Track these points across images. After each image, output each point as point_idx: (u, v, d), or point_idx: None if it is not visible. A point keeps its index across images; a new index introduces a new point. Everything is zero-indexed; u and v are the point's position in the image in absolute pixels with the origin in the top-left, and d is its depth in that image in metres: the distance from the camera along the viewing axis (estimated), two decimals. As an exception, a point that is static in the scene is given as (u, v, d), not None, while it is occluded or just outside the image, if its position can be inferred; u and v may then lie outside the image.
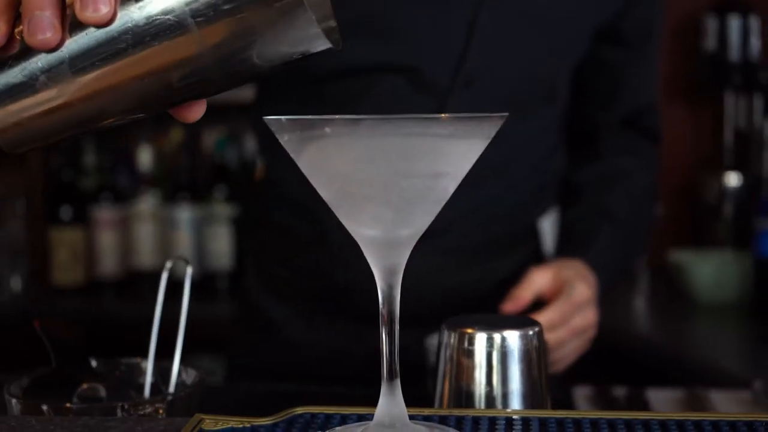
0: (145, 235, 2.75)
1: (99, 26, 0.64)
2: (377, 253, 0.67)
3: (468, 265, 1.38)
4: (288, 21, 0.63)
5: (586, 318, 1.23)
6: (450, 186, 0.65)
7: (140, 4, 0.64)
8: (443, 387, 0.85)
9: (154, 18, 0.64)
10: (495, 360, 0.82)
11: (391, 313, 0.68)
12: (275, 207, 1.45)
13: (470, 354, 0.83)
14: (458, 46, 1.29)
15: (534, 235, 1.45)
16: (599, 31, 1.37)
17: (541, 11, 1.31)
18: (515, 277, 1.30)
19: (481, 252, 1.39)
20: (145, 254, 2.74)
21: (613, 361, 1.91)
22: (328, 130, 0.62)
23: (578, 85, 1.42)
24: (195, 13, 0.63)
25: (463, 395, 0.83)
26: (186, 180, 2.78)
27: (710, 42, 2.42)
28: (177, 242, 2.72)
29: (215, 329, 1.94)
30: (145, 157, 2.83)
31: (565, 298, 1.21)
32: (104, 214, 2.73)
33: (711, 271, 2.16)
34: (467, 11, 1.28)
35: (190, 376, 0.92)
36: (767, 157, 2.27)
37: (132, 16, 0.64)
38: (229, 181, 2.74)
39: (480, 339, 0.83)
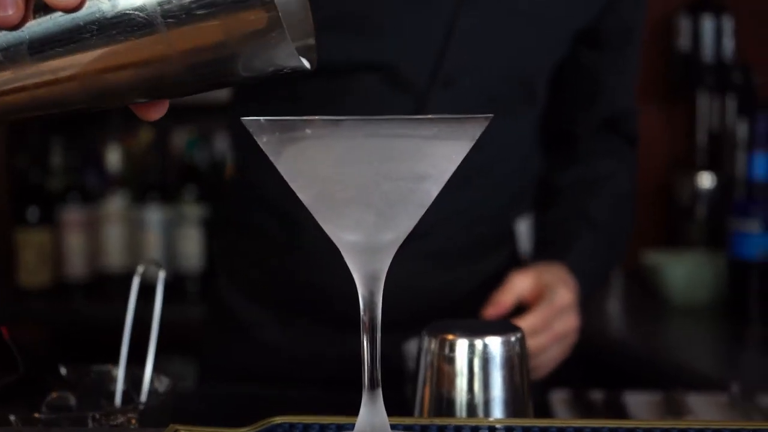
0: (114, 236, 2.71)
1: (66, 11, 0.62)
2: (358, 258, 0.65)
3: (448, 268, 1.36)
4: (263, 38, 0.61)
5: (568, 323, 1.22)
6: (433, 189, 0.64)
7: None
8: (423, 393, 0.83)
9: (124, 12, 0.62)
10: (477, 367, 0.80)
11: (372, 320, 0.65)
12: (249, 208, 1.43)
13: (451, 360, 0.81)
14: (437, 46, 1.27)
15: (511, 236, 1.44)
16: (580, 33, 1.36)
17: (521, 12, 1.29)
18: (494, 279, 1.29)
19: (462, 254, 1.37)
20: (114, 255, 2.71)
21: (588, 364, 1.90)
22: (308, 131, 0.60)
23: (558, 88, 1.41)
24: (166, 14, 0.61)
25: (444, 402, 0.81)
26: (155, 180, 2.74)
27: (684, 42, 2.41)
28: (146, 243, 2.69)
29: (185, 331, 1.91)
30: (113, 158, 2.79)
31: (547, 303, 1.20)
32: (72, 215, 2.69)
33: (685, 272, 2.16)
34: (446, 11, 1.26)
35: (163, 384, 0.90)
36: (740, 158, 2.27)
37: (101, 6, 0.62)
38: (200, 181, 2.71)
39: (461, 345, 0.81)
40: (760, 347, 1.91)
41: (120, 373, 0.91)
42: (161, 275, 0.95)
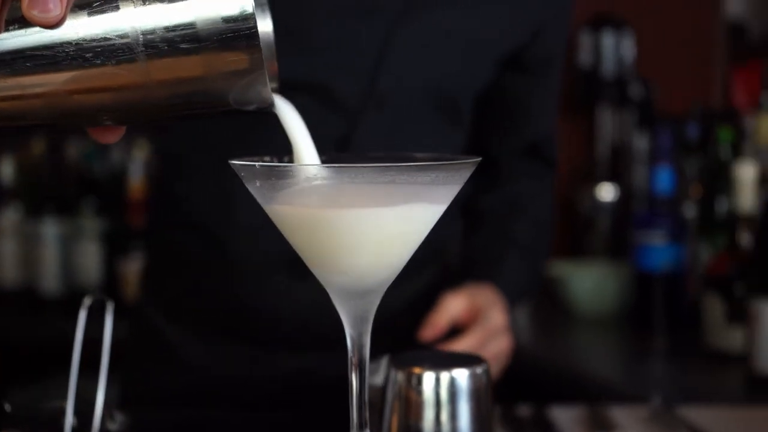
0: (8, 251, 2.64)
1: (44, 27, 0.59)
2: (347, 301, 0.65)
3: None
4: (243, 78, 0.61)
5: (502, 345, 1.25)
6: (423, 231, 0.64)
7: (93, 17, 0.60)
8: (390, 424, 0.83)
9: (104, 36, 0.60)
10: (444, 399, 0.81)
11: (361, 361, 0.65)
12: (173, 226, 1.40)
13: (419, 393, 0.81)
14: (369, 66, 1.27)
15: (440, 255, 1.45)
16: (506, 59, 1.38)
17: (449, 36, 1.30)
18: (423, 297, 1.31)
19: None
20: (8, 270, 2.63)
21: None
22: (306, 176, 0.59)
23: (483, 112, 1.43)
24: (148, 43, 0.60)
25: (411, 433, 0.82)
26: (51, 193, 2.67)
27: (585, 57, 2.47)
28: (42, 258, 2.62)
29: (84, 348, 1.86)
30: (6, 169, 2.71)
31: (481, 326, 1.22)
32: (-36, 229, 2.61)
33: (590, 283, 2.20)
34: (379, 30, 1.27)
35: (116, 421, 0.88)
36: (640, 171, 2.33)
37: (79, 27, 0.60)
38: (99, 193, 2.65)
39: (428, 378, 0.81)
40: (668, 358, 1.96)
41: (68, 408, 0.89)
42: (110, 307, 0.93)
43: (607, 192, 2.43)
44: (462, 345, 1.17)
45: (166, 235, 1.42)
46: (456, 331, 1.23)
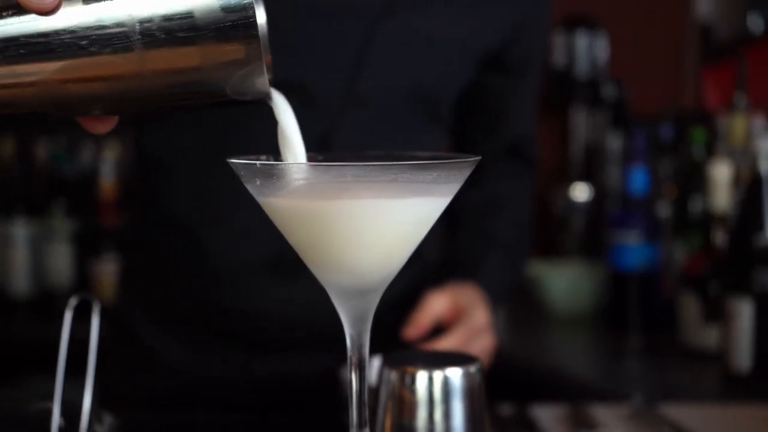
0: (-22, 252, 2.61)
1: (39, 14, 0.58)
2: (347, 301, 0.64)
3: None
4: (240, 68, 0.60)
5: (485, 343, 1.25)
6: (424, 227, 0.64)
7: (89, 5, 0.59)
8: (384, 424, 0.83)
9: (100, 25, 0.59)
10: (437, 398, 0.81)
11: (361, 360, 0.65)
12: (153, 227, 1.39)
13: (412, 392, 0.81)
14: (350, 65, 1.27)
15: (421, 254, 1.45)
16: (486, 59, 1.38)
17: (432, 34, 1.30)
18: (407, 295, 1.30)
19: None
20: (-22, 272, 2.61)
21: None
22: (308, 175, 0.59)
23: (464, 112, 1.43)
24: (145, 32, 0.59)
25: (405, 432, 0.81)
26: (21, 194, 2.65)
27: (558, 58, 2.48)
28: (12, 260, 2.59)
29: (55, 350, 1.84)
30: (-26, 170, 2.69)
31: (465, 325, 1.22)
32: (-68, 231, 2.58)
33: (564, 283, 2.21)
34: (359, 30, 1.26)
35: (104, 424, 0.87)
36: (613, 171, 2.34)
37: (75, 15, 0.59)
38: (69, 195, 2.63)
39: (422, 377, 0.81)
40: (643, 356, 1.97)
41: (55, 410, 0.87)
42: (96, 308, 0.92)
43: (580, 192, 2.44)
44: (446, 344, 1.17)
45: (146, 236, 1.41)
46: (439, 330, 1.23)
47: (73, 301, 0.92)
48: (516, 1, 1.36)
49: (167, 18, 0.58)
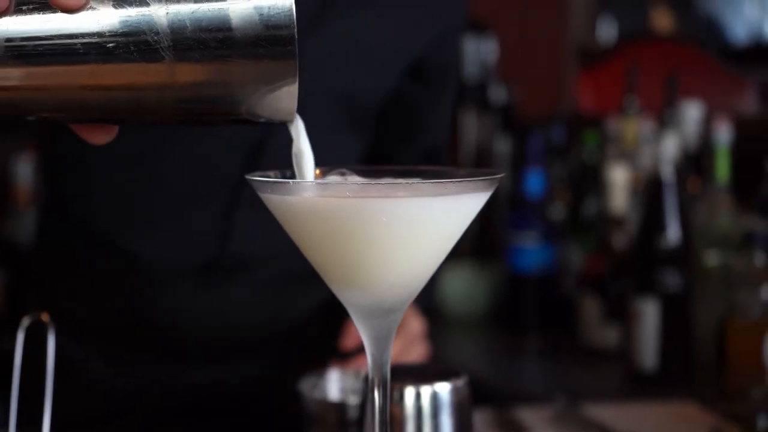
0: None
1: (64, 10, 0.53)
2: (369, 321, 0.63)
3: (290, 293, 1.35)
4: (272, 87, 0.58)
5: (421, 351, 1.26)
6: (448, 246, 0.63)
7: (119, 9, 0.55)
8: (372, 440, 0.81)
9: (132, 30, 0.55)
10: (426, 413, 0.80)
11: (383, 379, 0.63)
12: (70, 241, 1.34)
13: (401, 408, 0.80)
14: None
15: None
16: (408, 68, 1.37)
17: (358, 44, 1.30)
18: (336, 306, 1.29)
19: (305, 279, 1.35)
20: None
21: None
22: (334, 192, 0.57)
23: (382, 120, 1.42)
24: (178, 44, 0.55)
25: (392, 448, 0.80)
26: None
27: (448, 61, 2.49)
28: None
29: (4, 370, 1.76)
30: None
31: (402, 333, 1.22)
32: None
33: (460, 285, 2.22)
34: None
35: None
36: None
37: (105, 16, 0.54)
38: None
39: (410, 393, 0.80)
40: (544, 356, 2.01)
41: (11, 437, 0.83)
42: (51, 331, 0.87)
43: (470, 194, 2.46)
44: (387, 353, 1.17)
45: (62, 251, 1.35)
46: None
47: (25, 322, 0.88)
48: (441, 10, 1.37)
49: (203, 29, 0.55)
